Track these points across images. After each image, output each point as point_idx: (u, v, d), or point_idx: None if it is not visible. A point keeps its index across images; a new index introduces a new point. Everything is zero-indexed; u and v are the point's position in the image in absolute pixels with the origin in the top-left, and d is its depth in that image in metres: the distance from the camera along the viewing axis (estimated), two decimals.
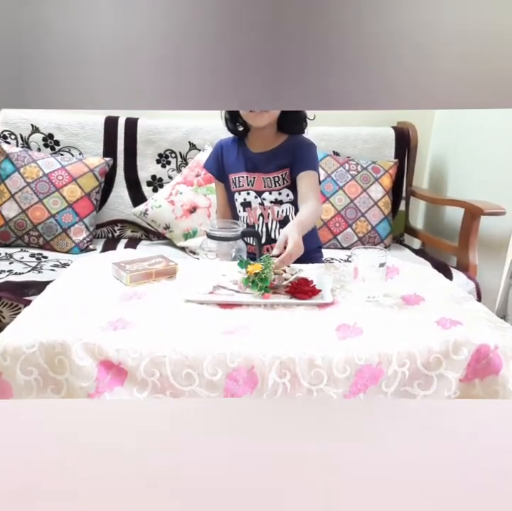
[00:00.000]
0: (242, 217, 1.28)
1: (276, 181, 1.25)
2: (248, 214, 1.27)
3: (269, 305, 0.91)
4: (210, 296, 0.93)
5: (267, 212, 1.26)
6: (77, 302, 0.90)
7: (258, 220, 1.27)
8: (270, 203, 1.26)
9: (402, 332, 0.82)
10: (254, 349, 0.75)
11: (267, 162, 1.25)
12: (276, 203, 1.26)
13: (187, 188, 1.76)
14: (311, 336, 0.80)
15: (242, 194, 1.27)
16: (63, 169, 1.70)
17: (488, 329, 0.83)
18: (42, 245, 1.67)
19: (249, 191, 1.26)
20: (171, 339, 0.77)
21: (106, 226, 1.85)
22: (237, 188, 1.28)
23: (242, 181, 1.26)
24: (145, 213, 1.76)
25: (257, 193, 1.26)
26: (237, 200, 1.28)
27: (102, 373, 0.73)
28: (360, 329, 0.82)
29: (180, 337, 0.77)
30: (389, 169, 1.85)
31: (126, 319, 0.83)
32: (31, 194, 1.65)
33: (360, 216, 1.80)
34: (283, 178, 1.25)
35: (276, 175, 1.25)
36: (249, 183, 1.26)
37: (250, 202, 1.27)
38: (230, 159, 1.28)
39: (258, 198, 1.26)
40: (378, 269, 0.94)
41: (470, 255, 1.63)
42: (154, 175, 1.87)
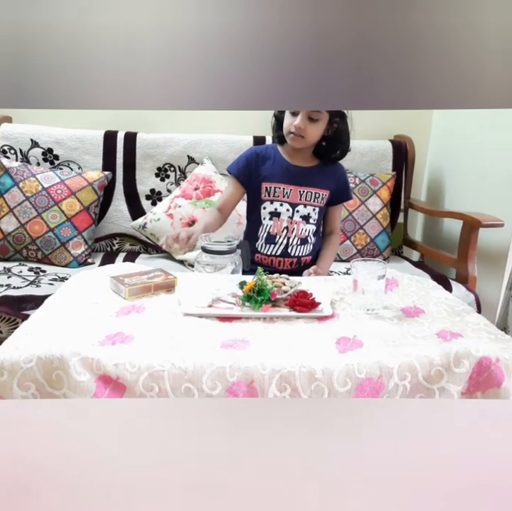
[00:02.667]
0: (265, 225, 1.29)
1: (316, 197, 1.29)
2: (274, 223, 1.28)
3: (269, 318, 0.90)
4: (209, 309, 0.92)
5: (293, 227, 1.28)
6: (75, 316, 0.89)
7: (282, 232, 1.28)
8: (300, 217, 1.28)
9: (403, 344, 0.81)
10: (253, 362, 0.74)
11: (307, 176, 1.29)
12: (304, 220, 1.29)
13: (186, 201, 1.77)
14: (311, 350, 0.79)
15: (275, 204, 1.28)
16: (62, 183, 1.70)
17: (489, 342, 0.83)
18: (40, 259, 1.67)
19: (283, 202, 1.27)
20: (170, 353, 0.76)
21: (104, 240, 1.85)
22: (269, 198, 1.28)
23: (278, 192, 1.27)
24: (144, 226, 1.76)
25: (290, 205, 1.27)
26: (265, 208, 1.29)
27: (100, 389, 0.72)
28: (361, 342, 0.81)
29: (179, 351, 0.77)
30: (387, 182, 1.87)
31: (125, 333, 0.82)
32: (30, 208, 1.65)
33: (359, 229, 1.81)
34: (322, 198, 1.30)
35: (318, 192, 1.29)
36: (285, 195, 1.27)
37: (280, 213, 1.28)
38: (266, 168, 1.28)
39: (290, 210, 1.27)
40: (377, 281, 0.94)
41: (469, 267, 1.63)
42: (153, 189, 1.88)
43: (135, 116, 1.96)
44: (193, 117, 2.00)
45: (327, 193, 1.30)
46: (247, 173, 1.29)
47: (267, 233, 1.28)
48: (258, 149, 1.33)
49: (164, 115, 1.99)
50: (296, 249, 1.29)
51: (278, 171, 1.28)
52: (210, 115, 2.00)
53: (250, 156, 1.30)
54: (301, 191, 1.27)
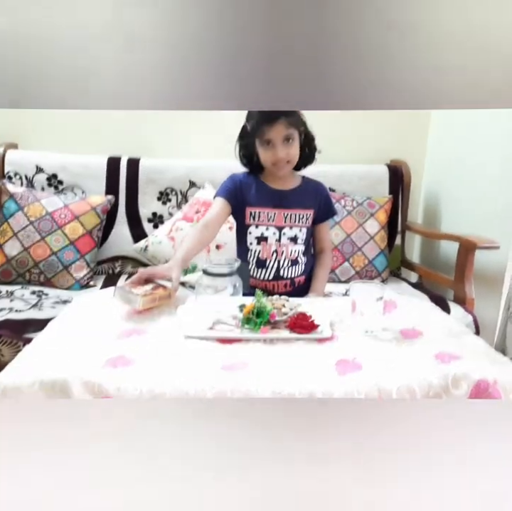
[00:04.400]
0: (253, 250, 1.29)
1: (300, 218, 1.29)
2: (262, 248, 1.28)
3: (269, 340, 0.92)
4: (209, 331, 0.94)
5: (282, 249, 1.28)
6: (77, 339, 0.90)
7: (271, 255, 1.28)
8: (287, 239, 1.28)
9: (401, 366, 0.82)
10: (254, 384, 0.75)
11: (289, 199, 1.29)
12: (292, 241, 1.29)
13: (187, 224, 1.80)
14: (311, 372, 0.80)
15: (260, 229, 1.28)
16: (66, 207, 1.74)
17: (487, 364, 0.84)
18: (43, 282, 1.69)
19: (269, 226, 1.28)
20: (172, 375, 0.77)
21: (107, 262, 1.87)
22: (254, 222, 1.28)
23: (262, 217, 1.28)
24: (145, 249, 1.79)
25: (277, 228, 1.28)
26: (251, 233, 1.29)
27: None
28: (360, 365, 0.82)
29: (180, 374, 0.78)
30: (384, 205, 1.90)
31: (126, 356, 0.83)
32: (34, 232, 1.68)
33: (357, 251, 1.83)
34: (306, 218, 1.30)
35: (301, 213, 1.29)
36: (269, 218, 1.28)
37: (267, 237, 1.28)
38: (249, 193, 1.29)
39: (277, 234, 1.28)
40: (376, 303, 0.95)
41: (466, 289, 1.65)
42: (155, 212, 1.91)
43: (138, 142, 2.01)
44: (195, 143, 2.05)
45: (311, 212, 1.30)
46: (233, 195, 1.29)
47: (257, 258, 1.29)
48: (240, 175, 1.32)
49: (166, 141, 2.04)
50: (288, 271, 1.29)
51: (260, 196, 1.28)
52: (211, 142, 2.05)
53: (235, 182, 1.31)
54: (285, 214, 1.28)
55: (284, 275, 1.29)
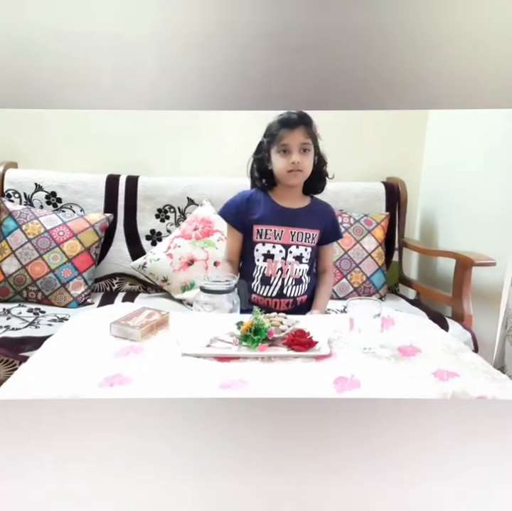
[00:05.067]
0: (259, 266, 1.30)
1: (307, 237, 1.31)
2: (268, 265, 1.29)
3: (267, 357, 0.91)
4: (207, 349, 0.93)
5: (287, 267, 1.29)
6: (73, 357, 0.89)
7: (276, 273, 1.29)
8: (293, 258, 1.30)
9: (400, 384, 0.82)
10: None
11: (297, 218, 1.31)
12: (297, 260, 1.30)
13: (185, 241, 1.81)
14: (309, 389, 0.79)
15: (267, 246, 1.29)
16: (64, 225, 1.74)
17: (485, 381, 0.83)
18: (40, 299, 1.68)
19: (276, 244, 1.29)
20: (169, 394, 0.76)
21: (104, 280, 1.87)
22: (261, 240, 1.30)
23: (269, 234, 1.29)
24: (143, 266, 1.79)
25: (283, 246, 1.29)
26: (258, 250, 1.30)
27: None
28: (358, 382, 0.82)
29: (177, 392, 0.77)
30: (381, 222, 1.91)
31: (123, 374, 0.82)
32: (32, 250, 1.68)
33: (355, 267, 1.84)
34: (313, 238, 1.32)
35: (308, 232, 1.31)
36: (276, 236, 1.29)
37: (274, 255, 1.29)
38: (256, 211, 1.31)
39: (283, 252, 1.29)
40: (373, 320, 0.95)
41: (464, 306, 1.65)
42: (153, 229, 1.92)
43: (137, 160, 2.04)
44: (193, 160, 2.08)
45: (317, 232, 1.33)
46: (238, 218, 1.32)
47: (262, 274, 1.30)
48: (247, 194, 1.35)
49: (165, 159, 2.07)
50: (292, 289, 1.30)
51: (268, 213, 1.30)
52: (209, 160, 2.08)
53: (240, 203, 1.33)
54: (292, 232, 1.30)
55: (287, 294, 1.30)
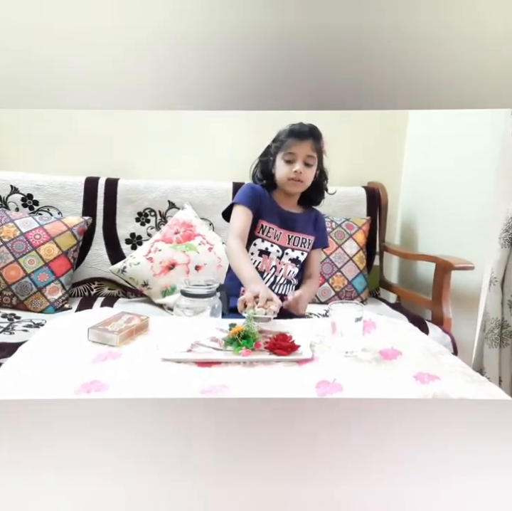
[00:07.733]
0: (254, 260, 1.30)
1: (303, 242, 1.34)
2: (263, 261, 1.30)
3: (248, 362, 0.90)
4: (187, 354, 0.92)
5: (281, 267, 1.31)
6: (49, 364, 0.87)
7: (270, 270, 1.30)
8: (289, 259, 1.31)
9: (381, 387, 0.82)
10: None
11: (296, 222, 1.33)
12: (292, 263, 1.32)
13: (166, 245, 1.78)
14: (291, 394, 0.79)
15: (265, 243, 1.30)
16: (41, 228, 1.70)
17: (465, 383, 0.84)
18: (15, 305, 1.63)
19: (274, 243, 1.31)
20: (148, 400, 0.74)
21: (83, 284, 1.83)
22: (262, 235, 1.31)
23: (271, 232, 1.31)
24: (123, 270, 1.76)
25: (280, 247, 1.31)
26: (255, 245, 1.31)
27: None
28: (340, 386, 0.81)
29: (157, 398, 0.75)
30: (362, 226, 1.93)
31: (101, 381, 0.80)
32: (7, 253, 1.63)
33: (337, 271, 1.84)
34: (309, 243, 1.35)
35: (305, 237, 1.34)
36: (276, 236, 1.31)
37: (270, 253, 1.31)
38: (264, 206, 1.31)
39: (280, 252, 1.31)
40: (355, 323, 0.95)
41: (444, 309, 1.67)
42: (133, 233, 1.89)
43: (116, 162, 2.00)
44: (174, 163, 2.06)
45: (313, 238, 1.36)
46: (253, 203, 1.30)
47: (256, 269, 1.29)
48: (258, 187, 1.35)
49: (146, 162, 2.04)
50: (281, 288, 1.31)
51: (272, 213, 1.32)
52: (190, 163, 2.06)
53: (256, 191, 1.32)
54: (290, 236, 1.32)
55: (277, 291, 1.30)
